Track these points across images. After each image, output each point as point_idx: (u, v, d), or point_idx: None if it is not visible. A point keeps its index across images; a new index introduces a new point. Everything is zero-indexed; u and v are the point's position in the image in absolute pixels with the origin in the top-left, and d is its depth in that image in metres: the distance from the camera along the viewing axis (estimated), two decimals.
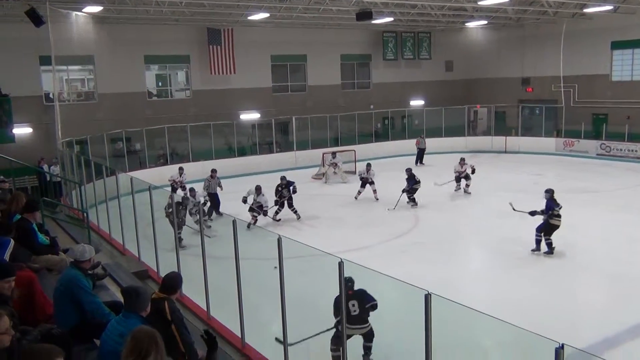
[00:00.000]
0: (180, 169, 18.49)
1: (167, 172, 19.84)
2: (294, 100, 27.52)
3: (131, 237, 10.37)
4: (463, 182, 18.23)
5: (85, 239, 10.28)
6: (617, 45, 26.72)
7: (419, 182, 16.66)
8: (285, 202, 15.90)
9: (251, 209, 14.85)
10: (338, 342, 6.66)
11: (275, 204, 15.74)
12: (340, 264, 5.24)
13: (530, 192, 16.35)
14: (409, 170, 17.03)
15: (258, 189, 14.96)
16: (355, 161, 22.88)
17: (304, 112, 26.08)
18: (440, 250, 12.40)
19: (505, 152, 27.48)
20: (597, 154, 25.23)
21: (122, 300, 5.09)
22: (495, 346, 7.39)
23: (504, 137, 28.06)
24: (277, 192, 16.05)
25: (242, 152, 25.04)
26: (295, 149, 25.08)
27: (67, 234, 10.96)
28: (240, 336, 6.91)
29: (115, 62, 22.52)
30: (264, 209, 14.87)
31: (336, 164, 21.43)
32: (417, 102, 30.81)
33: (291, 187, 15.90)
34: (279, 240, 6.00)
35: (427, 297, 4.43)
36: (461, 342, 6.85)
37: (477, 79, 32.31)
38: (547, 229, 11.76)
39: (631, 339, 7.85)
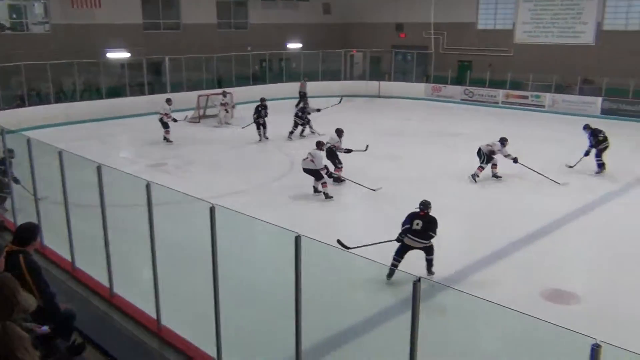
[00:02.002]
0: (169, 100, 17.90)
1: (24, 114, 18.27)
2: (166, 39, 26.08)
3: None
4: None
5: None
6: None
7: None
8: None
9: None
10: (401, 252, 7.94)
11: (256, 124, 17.82)
12: (212, 210, 5.18)
13: (399, 135, 17.18)
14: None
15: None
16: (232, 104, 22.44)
17: (178, 52, 24.89)
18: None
19: (379, 96, 28.38)
20: (462, 99, 26.89)
21: None
22: (361, 282, 7.80)
23: (378, 82, 28.93)
24: (256, 111, 17.74)
25: (112, 94, 23.51)
26: (169, 90, 24.01)
27: None
28: (108, 286, 6.68)
29: None
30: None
31: (227, 104, 20.86)
32: (294, 45, 30.61)
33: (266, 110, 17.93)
34: (148, 187, 5.78)
35: (297, 239, 4.52)
36: (331, 280, 7.15)
37: (354, 23, 32.67)
38: (601, 151, 14.07)
39: (480, 270, 8.63)
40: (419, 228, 7.80)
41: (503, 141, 13.69)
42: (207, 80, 25.62)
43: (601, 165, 14.17)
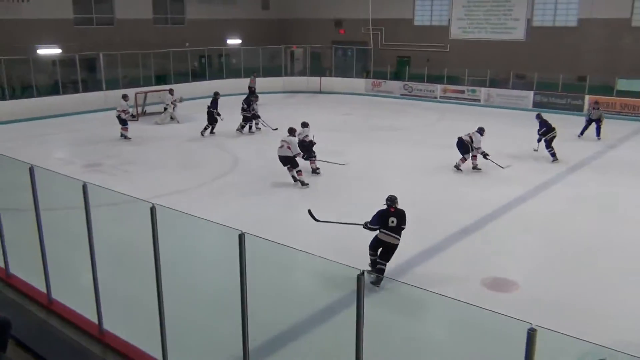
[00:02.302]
0: (125, 96, 17.67)
1: None
2: (100, 35, 25.23)
3: None
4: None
5: None
6: None
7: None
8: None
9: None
10: (374, 248, 7.89)
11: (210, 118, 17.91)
12: (152, 210, 5.08)
13: (341, 130, 17.31)
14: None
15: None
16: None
17: (113, 48, 24.13)
18: (258, 190, 12.63)
19: (321, 92, 28.51)
20: (401, 94, 27.36)
21: None
22: (306, 277, 7.83)
23: (319, 78, 29.05)
24: (215, 106, 17.82)
25: (44, 92, 22.49)
26: (104, 88, 23.29)
27: None
28: (46, 292, 6.44)
29: None
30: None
31: (175, 101, 20.59)
32: (234, 41, 30.29)
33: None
34: (84, 188, 5.61)
35: (241, 237, 4.51)
36: (276, 277, 7.14)
37: (293, 19, 32.65)
38: (549, 141, 14.93)
39: (423, 261, 8.83)
40: (395, 225, 7.80)
41: (481, 131, 14.06)
42: (144, 77, 24.98)
43: (554, 155, 15.00)
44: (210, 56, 29.01)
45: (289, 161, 12.65)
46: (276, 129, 18.09)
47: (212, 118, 17.98)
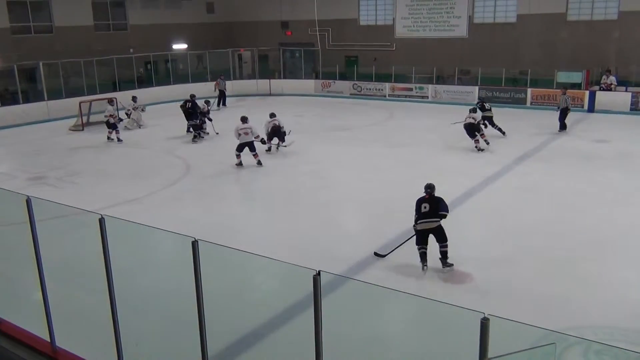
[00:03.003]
0: (111, 101, 18.10)
1: None
2: (39, 44, 24.44)
3: None
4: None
5: None
6: None
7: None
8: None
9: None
10: (421, 241, 8.16)
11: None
12: (101, 221, 4.96)
13: (293, 131, 17.27)
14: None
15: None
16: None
17: (53, 56, 23.37)
18: (212, 195, 12.50)
19: (270, 94, 28.42)
20: (351, 94, 27.56)
21: None
22: (264, 280, 7.80)
23: (268, 80, 28.96)
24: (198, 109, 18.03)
25: None
26: (46, 98, 22.54)
27: None
28: None
29: None
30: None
31: (137, 107, 20.23)
32: (179, 46, 29.84)
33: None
34: (28, 202, 5.42)
35: (194, 244, 4.45)
36: (233, 283, 7.08)
37: (239, 22, 32.47)
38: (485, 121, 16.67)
39: (380, 258, 8.92)
40: (428, 210, 8.10)
41: (474, 110, 15.85)
42: (88, 86, 24.27)
43: (500, 129, 17.08)
44: (156, 62, 28.49)
45: (249, 146, 14.07)
46: (217, 133, 18.06)
47: (191, 117, 18.11)
